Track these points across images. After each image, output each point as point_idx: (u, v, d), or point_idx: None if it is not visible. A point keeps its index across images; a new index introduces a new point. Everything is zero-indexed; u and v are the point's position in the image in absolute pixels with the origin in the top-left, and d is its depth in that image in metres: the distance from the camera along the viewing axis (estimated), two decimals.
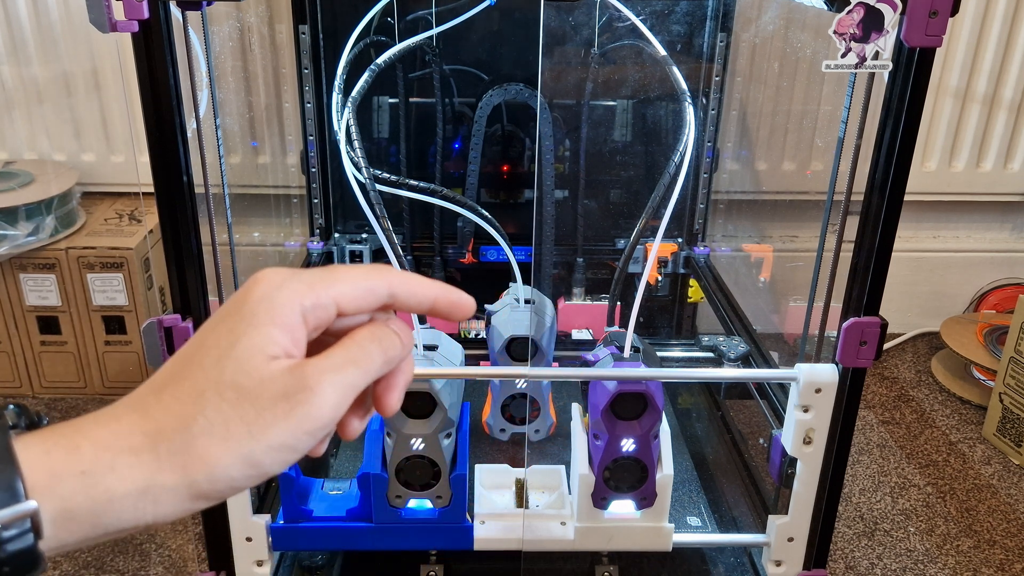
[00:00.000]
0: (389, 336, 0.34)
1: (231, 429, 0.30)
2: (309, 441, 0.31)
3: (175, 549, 1.09)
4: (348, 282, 0.34)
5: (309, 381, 0.31)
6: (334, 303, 0.33)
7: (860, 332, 0.72)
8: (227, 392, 0.30)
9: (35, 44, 1.37)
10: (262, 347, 0.31)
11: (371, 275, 0.35)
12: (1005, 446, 1.32)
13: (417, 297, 0.36)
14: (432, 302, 0.36)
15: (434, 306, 0.36)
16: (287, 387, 0.31)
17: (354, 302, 0.34)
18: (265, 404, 0.30)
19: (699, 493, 0.98)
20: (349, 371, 0.32)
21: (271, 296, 0.32)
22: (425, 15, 1.14)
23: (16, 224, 1.27)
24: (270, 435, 0.30)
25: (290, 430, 0.30)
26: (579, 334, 1.20)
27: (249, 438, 0.30)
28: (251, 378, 0.31)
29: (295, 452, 0.31)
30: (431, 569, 0.88)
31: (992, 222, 1.62)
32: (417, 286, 0.36)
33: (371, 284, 0.34)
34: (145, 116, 0.65)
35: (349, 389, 0.32)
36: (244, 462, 0.30)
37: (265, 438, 0.30)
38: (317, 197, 1.29)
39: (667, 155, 0.93)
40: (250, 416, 0.30)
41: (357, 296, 0.34)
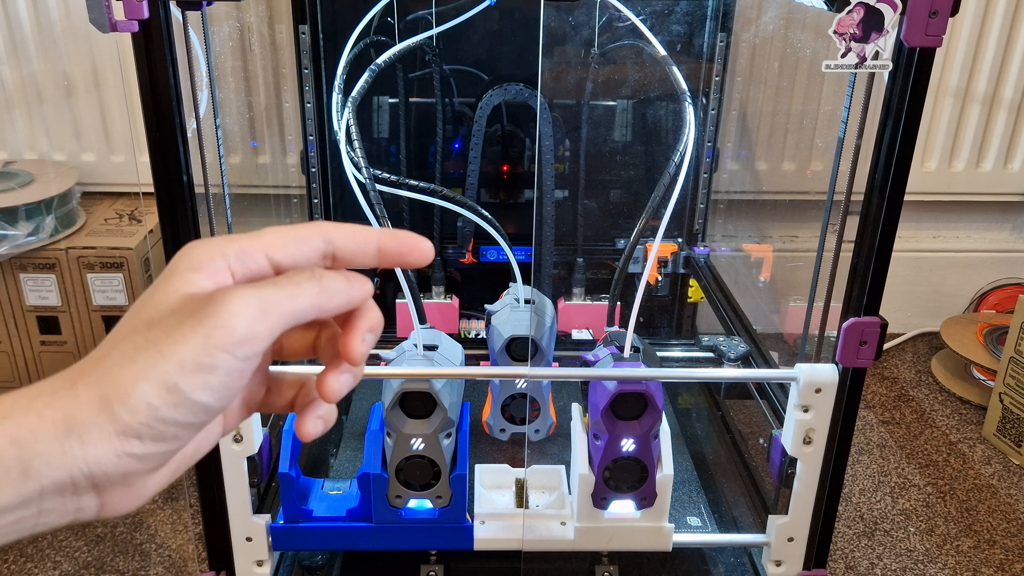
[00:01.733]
0: (328, 274, 0.32)
1: (141, 353, 0.29)
2: (228, 359, 0.29)
3: (175, 549, 1.09)
4: (276, 233, 0.33)
5: (217, 296, 0.30)
6: (262, 252, 0.32)
7: (860, 332, 0.72)
8: (140, 326, 0.30)
9: (35, 44, 1.37)
10: (178, 287, 0.31)
11: (301, 226, 0.34)
12: (1005, 446, 1.32)
13: (356, 241, 0.34)
14: (376, 246, 0.34)
15: (380, 250, 0.34)
16: (196, 307, 0.30)
17: (284, 250, 0.33)
18: (174, 324, 0.29)
19: (699, 493, 0.98)
20: (268, 290, 0.31)
21: (190, 250, 0.32)
22: (425, 15, 1.14)
23: (16, 224, 1.27)
24: (180, 351, 0.29)
25: (200, 345, 0.29)
26: (579, 334, 1.20)
27: (160, 358, 0.29)
28: (164, 310, 0.30)
29: (213, 371, 0.29)
30: (431, 569, 0.88)
31: (992, 222, 1.62)
32: (355, 230, 0.34)
33: (301, 232, 0.33)
34: (145, 116, 0.65)
35: (268, 307, 0.30)
36: (160, 385, 0.29)
37: (175, 355, 0.29)
38: (317, 197, 1.29)
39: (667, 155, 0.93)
40: (159, 338, 0.29)
41: (286, 244, 0.33)
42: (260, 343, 0.30)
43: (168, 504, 1.16)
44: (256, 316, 0.30)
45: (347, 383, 0.34)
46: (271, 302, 0.30)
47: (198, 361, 0.29)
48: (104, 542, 1.09)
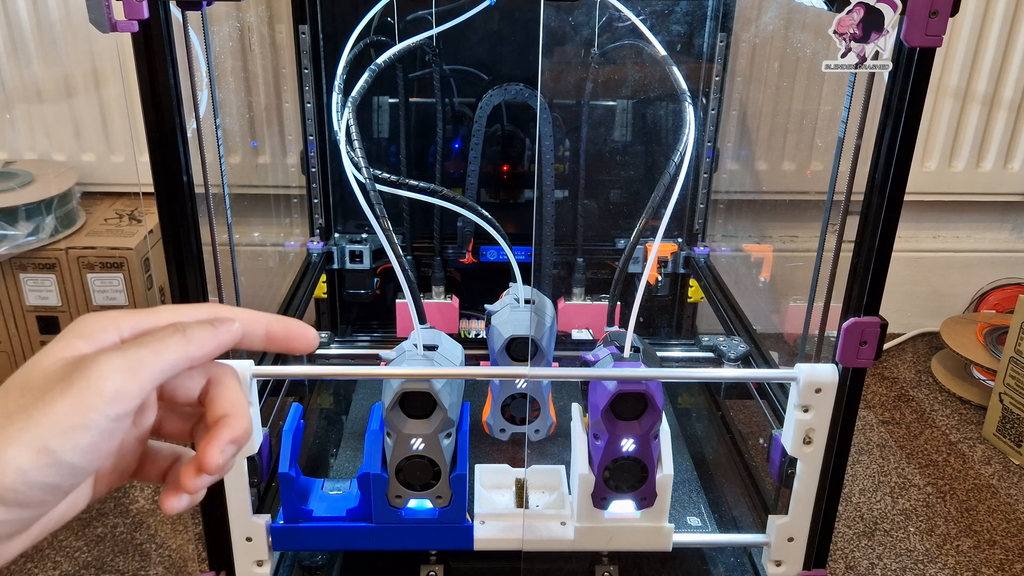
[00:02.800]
0: (192, 325, 0.33)
1: (12, 418, 0.29)
2: (99, 420, 0.29)
3: (175, 549, 1.09)
4: (171, 311, 0.34)
5: (86, 360, 0.30)
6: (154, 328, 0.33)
7: (860, 332, 0.72)
8: (13, 391, 0.30)
9: (35, 44, 1.37)
10: (59, 352, 0.31)
11: (196, 306, 0.35)
12: (1005, 446, 1.32)
13: (249, 323, 0.35)
14: (264, 331, 0.36)
15: (268, 332, 0.36)
16: (67, 371, 0.30)
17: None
18: (45, 389, 0.30)
19: (699, 493, 0.98)
20: (135, 350, 0.31)
21: (84, 320, 0.33)
22: (425, 15, 1.14)
23: (16, 224, 1.27)
24: (52, 415, 0.29)
25: (70, 406, 0.29)
26: (579, 334, 1.20)
27: (31, 422, 0.29)
28: (37, 374, 0.30)
29: (85, 432, 0.29)
30: (431, 569, 0.88)
31: (992, 222, 1.62)
32: (247, 314, 0.35)
33: (196, 312, 0.34)
34: (145, 116, 0.65)
35: (137, 366, 0.31)
36: (31, 448, 0.28)
37: (47, 419, 0.29)
38: (317, 197, 1.29)
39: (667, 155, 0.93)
40: (29, 403, 0.29)
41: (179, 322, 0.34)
42: (130, 402, 0.30)
43: None
44: (125, 376, 0.30)
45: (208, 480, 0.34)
46: (139, 360, 0.31)
47: (69, 423, 0.29)
48: (104, 542, 1.09)
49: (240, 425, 0.34)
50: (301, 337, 0.37)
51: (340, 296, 1.32)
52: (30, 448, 0.28)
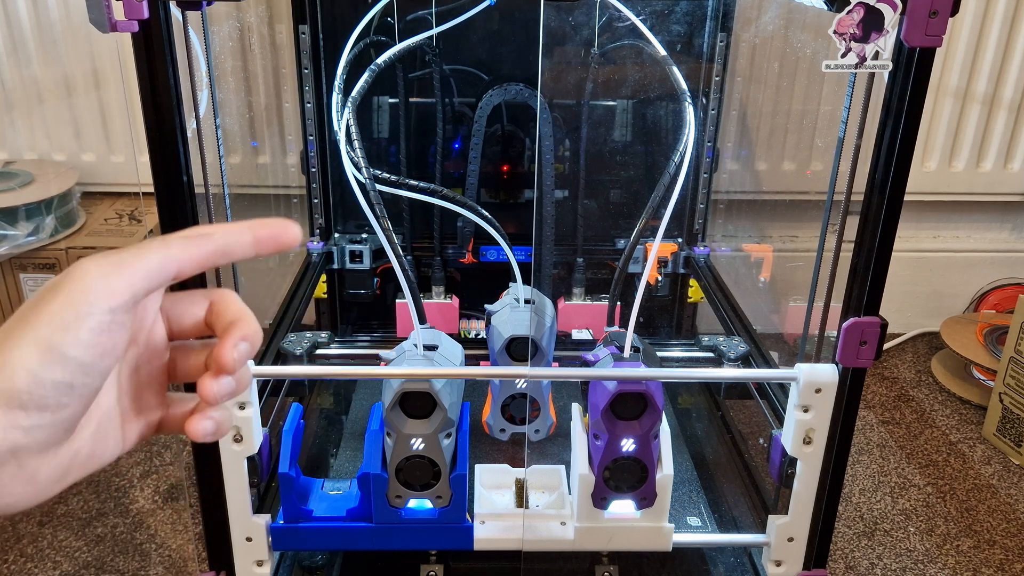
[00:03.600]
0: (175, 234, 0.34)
1: (13, 330, 0.31)
2: (92, 311, 0.31)
3: (175, 549, 1.09)
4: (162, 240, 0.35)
5: (72, 266, 0.32)
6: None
7: (860, 332, 0.72)
8: (11, 320, 0.31)
9: (35, 44, 1.37)
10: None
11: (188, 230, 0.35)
12: (1005, 446, 1.32)
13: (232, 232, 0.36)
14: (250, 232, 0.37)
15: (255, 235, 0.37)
16: (56, 281, 0.32)
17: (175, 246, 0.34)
18: (37, 300, 0.31)
19: (699, 493, 0.98)
20: (115, 253, 0.32)
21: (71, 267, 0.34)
22: (425, 15, 1.14)
23: (16, 224, 1.27)
24: (47, 314, 0.30)
25: (63, 303, 0.30)
26: (579, 334, 1.20)
27: (29, 326, 0.30)
28: (29, 301, 0.32)
29: (83, 323, 0.30)
30: (431, 569, 0.88)
31: (992, 222, 1.62)
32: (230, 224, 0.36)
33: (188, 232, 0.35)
34: (145, 116, 0.65)
35: (119, 264, 0.32)
36: (36, 347, 0.30)
37: (44, 318, 0.30)
38: (317, 197, 1.29)
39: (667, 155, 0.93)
40: (25, 314, 0.31)
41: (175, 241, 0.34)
42: (119, 296, 0.31)
43: (168, 504, 1.16)
44: (108, 270, 0.31)
45: (227, 386, 0.35)
46: (119, 259, 0.32)
47: (64, 318, 0.30)
48: (104, 542, 1.09)
49: (249, 325, 0.35)
50: (286, 231, 0.38)
51: (340, 296, 1.32)
52: (34, 346, 0.30)
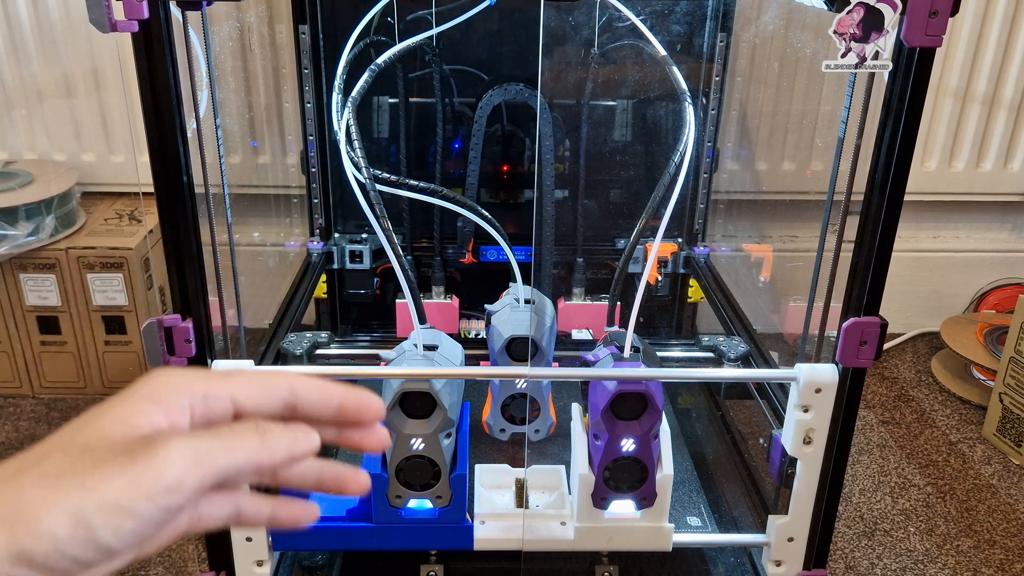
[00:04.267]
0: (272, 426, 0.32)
1: (63, 479, 0.28)
2: (149, 507, 0.28)
3: (175, 549, 1.09)
4: (246, 377, 0.33)
5: (157, 441, 0.29)
6: (228, 395, 0.32)
7: (860, 332, 0.72)
8: (72, 449, 0.29)
9: (35, 44, 1.37)
10: (127, 417, 0.30)
11: (271, 373, 0.34)
12: (1005, 446, 1.32)
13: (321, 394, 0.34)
14: (338, 402, 0.34)
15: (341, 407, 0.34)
16: (133, 446, 0.29)
17: (252, 397, 0.32)
18: (105, 458, 0.28)
19: (699, 493, 0.98)
20: (206, 441, 0.30)
21: (157, 376, 0.31)
22: (425, 15, 1.14)
23: (16, 224, 1.27)
24: (103, 488, 0.27)
25: (126, 486, 0.28)
26: (579, 334, 1.20)
27: (81, 489, 0.27)
28: (102, 439, 0.29)
29: (131, 517, 0.28)
30: (431, 569, 0.88)
31: (992, 222, 1.62)
32: (321, 385, 0.34)
33: (270, 379, 0.33)
34: (145, 116, 0.65)
35: (204, 458, 0.29)
36: (72, 519, 0.27)
37: (98, 491, 0.27)
38: (317, 197, 1.29)
39: (667, 155, 0.93)
40: (86, 467, 0.28)
41: (253, 391, 0.33)
42: (186, 494, 0.29)
43: None
44: (189, 466, 0.29)
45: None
46: (208, 453, 0.29)
47: (119, 503, 0.28)
48: None
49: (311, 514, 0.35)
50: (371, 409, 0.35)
51: (340, 296, 1.32)
52: (72, 518, 0.27)
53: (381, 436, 0.36)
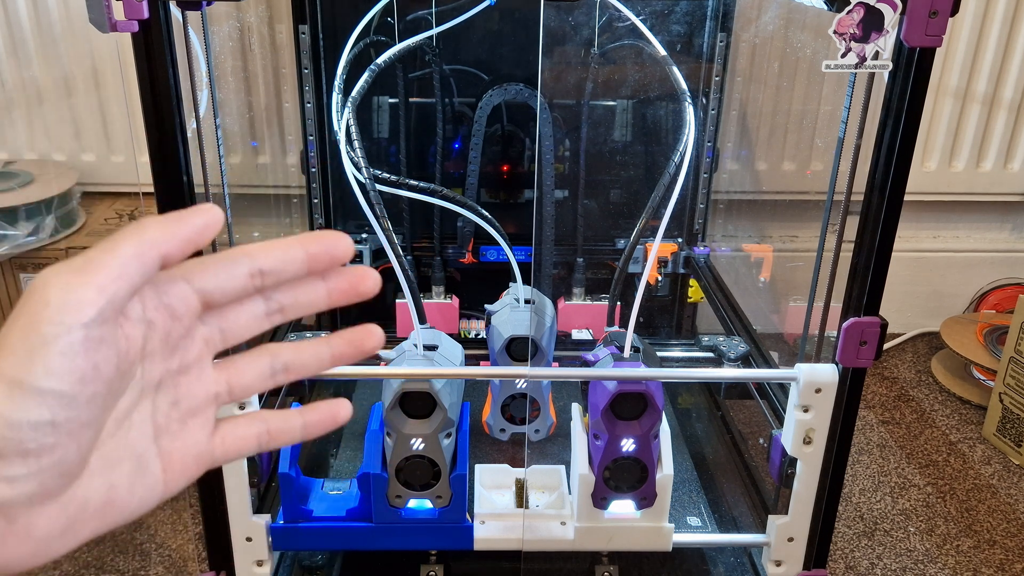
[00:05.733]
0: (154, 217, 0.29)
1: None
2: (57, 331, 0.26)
3: (175, 549, 1.09)
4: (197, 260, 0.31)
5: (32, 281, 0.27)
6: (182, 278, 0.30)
7: (860, 332, 0.72)
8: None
9: (35, 44, 1.37)
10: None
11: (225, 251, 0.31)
12: (1005, 446, 1.32)
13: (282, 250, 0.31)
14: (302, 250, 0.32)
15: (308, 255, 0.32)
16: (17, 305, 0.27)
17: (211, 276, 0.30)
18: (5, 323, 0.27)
19: (699, 493, 0.98)
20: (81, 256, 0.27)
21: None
22: (425, 15, 1.14)
23: (16, 224, 1.27)
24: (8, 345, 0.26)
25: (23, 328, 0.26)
26: (579, 334, 1.20)
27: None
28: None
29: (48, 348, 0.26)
30: (431, 569, 0.88)
31: (992, 222, 1.62)
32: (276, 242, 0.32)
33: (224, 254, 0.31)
34: (145, 116, 0.65)
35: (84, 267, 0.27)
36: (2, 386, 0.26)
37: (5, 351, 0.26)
38: (317, 197, 1.29)
39: (667, 155, 0.93)
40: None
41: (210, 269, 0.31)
42: (88, 306, 0.26)
43: (168, 504, 1.16)
44: (70, 278, 0.26)
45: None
46: (85, 260, 0.27)
47: (27, 345, 0.26)
48: (104, 542, 1.09)
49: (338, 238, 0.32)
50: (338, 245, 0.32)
51: None
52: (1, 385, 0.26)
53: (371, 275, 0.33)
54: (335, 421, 0.34)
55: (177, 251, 0.29)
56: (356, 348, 0.34)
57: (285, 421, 0.34)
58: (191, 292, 0.30)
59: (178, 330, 0.30)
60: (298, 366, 0.34)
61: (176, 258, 0.29)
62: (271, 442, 0.33)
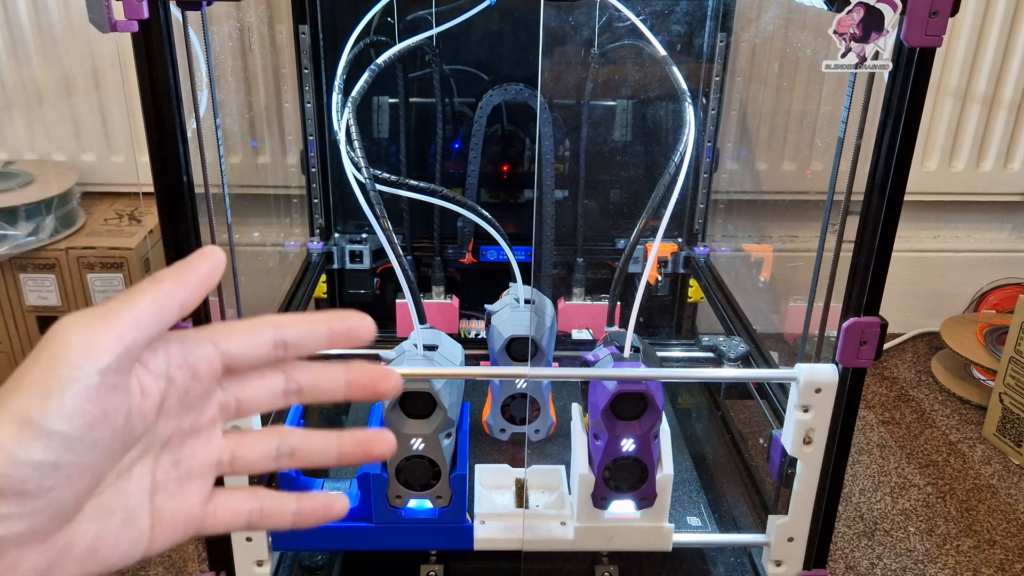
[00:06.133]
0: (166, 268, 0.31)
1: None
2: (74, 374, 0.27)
3: (175, 549, 1.09)
4: (225, 324, 0.33)
5: (53, 325, 0.28)
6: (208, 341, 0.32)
7: (860, 332, 0.72)
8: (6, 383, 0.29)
9: (35, 44, 1.37)
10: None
11: (251, 317, 0.33)
12: (1005, 446, 1.32)
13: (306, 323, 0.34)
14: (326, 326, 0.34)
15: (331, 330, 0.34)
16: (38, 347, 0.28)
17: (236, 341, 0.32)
18: (20, 369, 0.28)
19: (699, 493, 0.98)
20: (102, 305, 0.29)
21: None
22: (425, 15, 1.14)
23: (16, 224, 1.27)
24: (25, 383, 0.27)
25: (42, 369, 0.27)
26: (579, 334, 1.20)
27: (8, 396, 0.27)
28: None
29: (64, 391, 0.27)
30: (431, 569, 0.88)
31: (992, 222, 1.62)
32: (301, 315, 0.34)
33: (251, 321, 0.33)
34: (145, 116, 0.65)
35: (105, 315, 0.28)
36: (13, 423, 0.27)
37: (22, 389, 0.27)
38: (317, 197, 1.29)
39: (667, 155, 0.93)
40: (8, 384, 0.28)
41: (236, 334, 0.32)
42: (106, 352, 0.28)
43: None
44: (92, 323, 0.28)
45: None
46: (106, 309, 0.29)
47: (44, 386, 0.27)
48: None
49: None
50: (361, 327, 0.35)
51: (340, 296, 1.32)
52: (10, 422, 0.26)
53: (392, 377, 0.35)
54: (328, 514, 0.35)
55: (192, 298, 0.31)
56: (364, 451, 0.35)
57: (279, 504, 0.34)
58: (215, 353, 0.32)
59: (197, 390, 0.32)
60: (304, 455, 0.34)
61: (191, 305, 0.31)
62: (261, 522, 0.34)
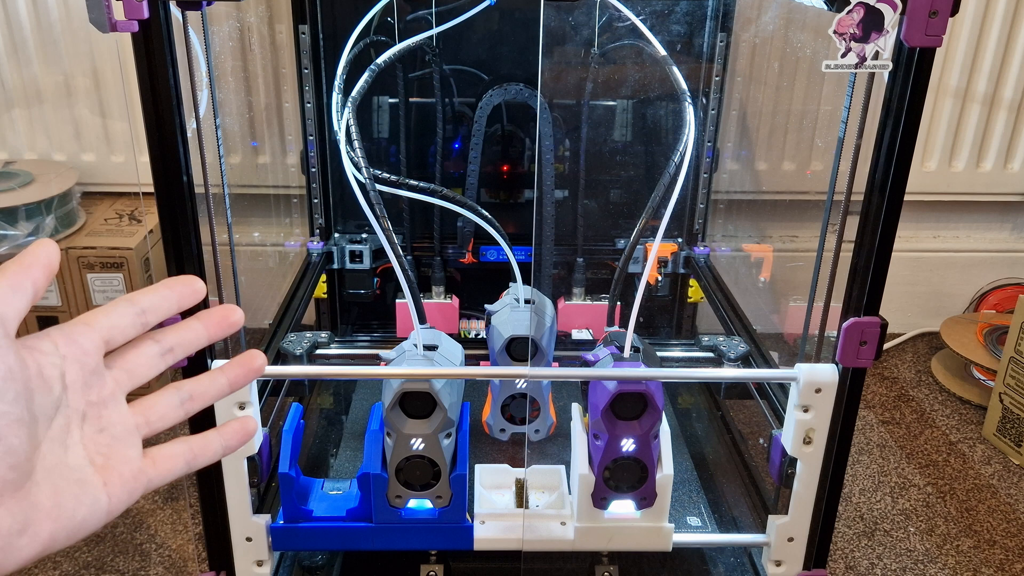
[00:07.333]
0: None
1: None
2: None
3: (175, 549, 1.09)
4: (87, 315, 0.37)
5: None
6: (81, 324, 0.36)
7: (860, 332, 0.72)
8: None
9: (35, 44, 1.37)
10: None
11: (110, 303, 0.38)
12: (1005, 446, 1.32)
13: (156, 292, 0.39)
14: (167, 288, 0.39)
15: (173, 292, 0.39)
16: None
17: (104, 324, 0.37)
18: None
19: (699, 493, 0.98)
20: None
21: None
22: (425, 15, 1.14)
23: (16, 224, 1.27)
24: None
25: None
26: (579, 334, 1.20)
27: None
28: None
29: None
30: (431, 569, 0.88)
31: (992, 222, 1.62)
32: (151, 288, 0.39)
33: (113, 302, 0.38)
34: (145, 116, 0.65)
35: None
36: None
37: None
38: (317, 197, 1.29)
39: (667, 155, 0.93)
40: None
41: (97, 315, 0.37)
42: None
43: (168, 504, 1.16)
44: None
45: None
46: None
47: None
48: (104, 542, 1.09)
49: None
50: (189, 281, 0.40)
51: (340, 296, 1.32)
52: None
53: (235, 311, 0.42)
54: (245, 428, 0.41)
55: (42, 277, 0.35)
56: (246, 368, 0.42)
57: (205, 440, 0.40)
58: (92, 331, 0.36)
59: (90, 364, 0.36)
60: (200, 393, 0.40)
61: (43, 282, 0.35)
62: (196, 459, 0.39)
